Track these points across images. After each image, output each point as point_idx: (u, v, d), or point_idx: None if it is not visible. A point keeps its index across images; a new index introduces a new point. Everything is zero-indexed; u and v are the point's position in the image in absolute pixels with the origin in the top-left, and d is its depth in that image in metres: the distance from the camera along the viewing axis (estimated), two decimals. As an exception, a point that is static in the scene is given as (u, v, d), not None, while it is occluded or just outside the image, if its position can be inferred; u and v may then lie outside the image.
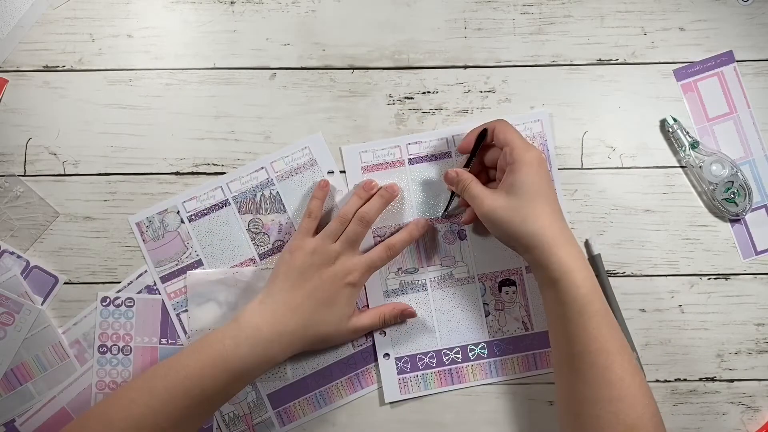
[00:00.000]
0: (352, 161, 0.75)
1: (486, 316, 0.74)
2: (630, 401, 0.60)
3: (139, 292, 0.74)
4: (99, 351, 0.74)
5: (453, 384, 0.74)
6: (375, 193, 0.73)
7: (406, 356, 0.74)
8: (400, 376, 0.74)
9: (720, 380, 0.75)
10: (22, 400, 0.73)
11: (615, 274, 0.75)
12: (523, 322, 0.75)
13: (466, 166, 0.71)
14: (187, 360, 0.64)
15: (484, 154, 0.72)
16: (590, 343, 0.61)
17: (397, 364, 0.74)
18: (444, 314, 0.75)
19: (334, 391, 0.74)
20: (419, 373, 0.74)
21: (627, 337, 0.73)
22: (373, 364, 0.74)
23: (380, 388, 0.74)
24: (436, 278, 0.75)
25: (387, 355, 0.74)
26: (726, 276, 0.75)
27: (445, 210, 0.74)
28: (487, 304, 0.75)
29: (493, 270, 0.75)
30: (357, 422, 0.74)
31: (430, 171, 0.76)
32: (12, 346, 0.73)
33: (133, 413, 0.62)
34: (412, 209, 0.75)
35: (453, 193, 0.73)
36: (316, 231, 0.71)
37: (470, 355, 0.74)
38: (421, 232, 0.73)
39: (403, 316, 0.73)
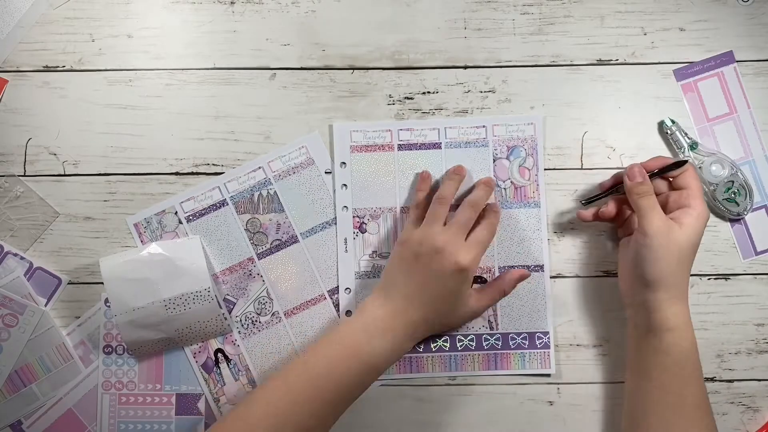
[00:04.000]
0: (342, 139, 0.76)
1: None
2: None
3: (142, 291, 0.74)
4: (104, 351, 0.74)
5: (411, 372, 0.74)
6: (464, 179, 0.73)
7: None
8: None
9: (720, 380, 0.75)
10: (27, 402, 0.73)
11: (615, 274, 0.75)
12: (489, 321, 0.75)
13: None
14: (322, 356, 0.66)
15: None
16: (688, 397, 0.64)
17: None
18: None
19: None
20: None
21: None
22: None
23: (382, 386, 0.74)
24: None
25: None
26: (726, 276, 0.75)
27: (591, 200, 0.73)
28: None
29: None
30: (357, 421, 0.74)
31: (418, 159, 0.76)
32: (16, 347, 0.73)
33: (271, 413, 0.63)
34: (395, 195, 0.76)
35: (610, 191, 0.72)
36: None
37: (432, 346, 0.75)
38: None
39: (520, 280, 0.72)
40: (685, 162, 0.68)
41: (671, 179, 0.70)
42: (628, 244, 0.68)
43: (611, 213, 0.71)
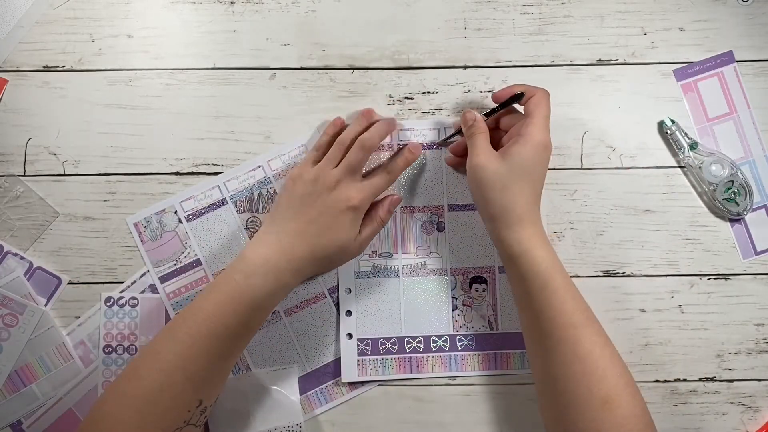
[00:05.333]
0: None
1: (453, 311, 0.75)
2: (601, 374, 0.62)
3: (142, 292, 0.74)
4: (104, 351, 0.74)
5: (411, 372, 0.74)
6: (375, 122, 0.72)
7: (369, 339, 0.74)
8: (360, 358, 0.74)
9: (720, 380, 0.75)
10: (27, 402, 0.73)
11: (615, 274, 0.75)
12: (489, 321, 0.75)
13: (487, 115, 0.70)
14: (203, 303, 0.65)
15: (505, 115, 0.72)
16: (556, 317, 0.63)
17: (358, 346, 0.74)
18: (412, 303, 0.75)
19: (335, 389, 0.74)
20: (379, 357, 0.74)
21: None
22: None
23: (380, 385, 0.74)
24: (409, 266, 0.75)
25: (350, 335, 0.74)
26: (726, 276, 0.75)
27: (444, 140, 0.76)
28: (456, 299, 0.75)
29: (467, 266, 0.75)
30: (357, 421, 0.74)
31: (419, 159, 0.76)
32: (16, 347, 0.73)
33: (160, 364, 0.63)
34: (397, 194, 0.76)
35: (459, 132, 0.73)
36: None
37: (432, 346, 0.75)
38: (417, 155, 0.73)
39: (393, 206, 0.74)
40: (521, 95, 0.69)
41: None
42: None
43: (457, 150, 0.74)
